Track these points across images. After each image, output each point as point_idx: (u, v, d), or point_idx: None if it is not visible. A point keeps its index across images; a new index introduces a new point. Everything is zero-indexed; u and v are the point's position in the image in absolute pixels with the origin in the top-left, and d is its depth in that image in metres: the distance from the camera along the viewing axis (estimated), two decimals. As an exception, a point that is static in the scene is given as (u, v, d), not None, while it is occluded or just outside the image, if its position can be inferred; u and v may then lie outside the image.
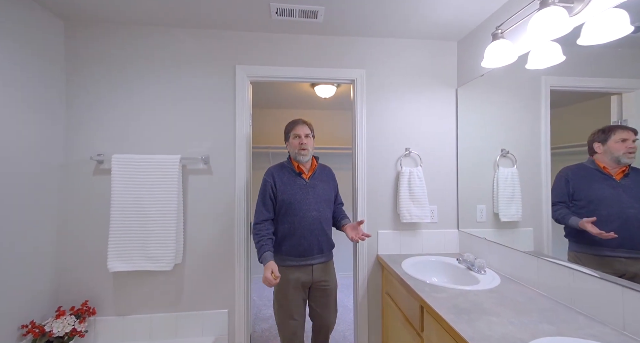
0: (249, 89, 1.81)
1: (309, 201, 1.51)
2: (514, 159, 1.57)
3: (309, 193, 1.52)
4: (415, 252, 1.84)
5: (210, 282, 1.71)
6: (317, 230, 1.51)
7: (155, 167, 1.60)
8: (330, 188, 1.62)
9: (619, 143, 1.01)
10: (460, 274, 1.52)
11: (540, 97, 1.34)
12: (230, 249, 1.73)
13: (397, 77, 1.86)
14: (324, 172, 1.65)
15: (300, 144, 1.51)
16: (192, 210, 1.71)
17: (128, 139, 1.68)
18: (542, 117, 1.33)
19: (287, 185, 1.52)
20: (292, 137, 1.55)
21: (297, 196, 1.50)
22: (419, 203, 1.79)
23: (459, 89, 1.88)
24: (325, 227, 1.54)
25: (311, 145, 1.55)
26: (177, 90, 1.72)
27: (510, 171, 1.56)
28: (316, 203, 1.52)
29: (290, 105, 3.52)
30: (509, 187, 1.60)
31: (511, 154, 1.59)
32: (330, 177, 1.66)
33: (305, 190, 1.52)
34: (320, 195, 1.54)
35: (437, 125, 1.88)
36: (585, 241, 1.11)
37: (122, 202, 1.56)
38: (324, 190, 1.57)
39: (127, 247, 1.56)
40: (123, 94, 1.68)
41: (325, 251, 1.56)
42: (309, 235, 1.49)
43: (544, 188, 1.38)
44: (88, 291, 1.62)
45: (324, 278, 1.54)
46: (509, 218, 1.59)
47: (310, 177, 1.57)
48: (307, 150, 1.52)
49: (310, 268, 1.51)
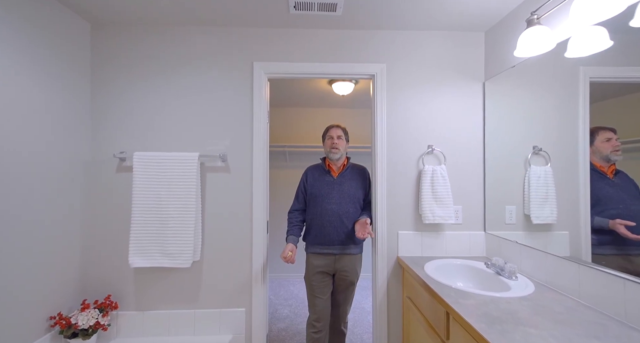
0: (266, 85, 1.79)
1: (332, 195, 1.68)
2: (547, 157, 1.46)
3: (334, 189, 1.70)
4: (438, 255, 1.75)
5: (228, 280, 1.70)
6: (335, 222, 1.65)
7: (175, 164, 1.62)
8: (359, 186, 1.73)
9: (604, 142, 1.08)
10: (489, 280, 1.42)
11: (578, 90, 1.22)
12: (248, 248, 1.72)
13: (419, 71, 1.78)
14: (356, 171, 1.78)
15: (332, 144, 1.72)
16: (210, 208, 1.71)
17: (148, 136, 1.70)
18: (579, 111, 1.22)
19: (317, 180, 1.75)
20: (327, 138, 1.78)
21: (322, 191, 1.71)
22: (443, 203, 1.70)
23: (486, 83, 1.77)
24: (344, 220, 1.66)
25: (342, 146, 1.74)
26: (195, 88, 1.72)
27: (543, 170, 1.45)
28: (339, 198, 1.67)
29: (307, 103, 3.49)
30: (542, 186, 1.49)
31: (544, 152, 1.48)
32: (361, 176, 1.77)
33: (330, 186, 1.71)
34: (345, 191, 1.69)
35: (462, 121, 1.78)
36: (611, 242, 1.07)
37: (143, 199, 1.59)
38: (350, 187, 1.71)
39: (146, 243, 1.58)
40: (144, 92, 1.71)
41: (347, 243, 1.67)
42: (328, 226, 1.66)
43: (582, 188, 1.27)
44: (111, 285, 1.65)
45: (345, 269, 1.68)
46: (542, 220, 1.47)
47: (339, 175, 1.74)
48: (337, 149, 1.72)
49: (332, 257, 1.68)
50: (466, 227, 1.77)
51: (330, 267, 1.68)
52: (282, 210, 3.77)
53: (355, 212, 1.70)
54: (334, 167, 1.77)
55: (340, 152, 1.72)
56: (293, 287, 3.37)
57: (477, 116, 1.79)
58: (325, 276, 1.70)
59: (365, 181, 1.78)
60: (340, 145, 1.72)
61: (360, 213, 1.73)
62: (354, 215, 1.69)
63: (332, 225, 1.65)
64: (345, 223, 1.66)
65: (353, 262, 1.69)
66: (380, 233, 1.75)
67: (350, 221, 1.67)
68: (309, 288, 1.73)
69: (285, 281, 3.55)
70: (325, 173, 1.76)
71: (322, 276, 1.69)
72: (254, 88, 1.73)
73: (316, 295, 1.69)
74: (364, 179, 1.77)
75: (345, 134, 1.79)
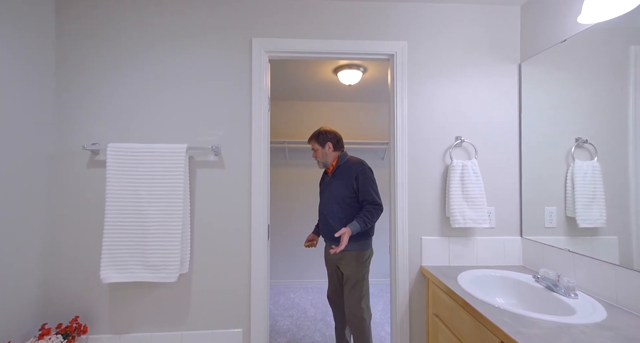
0: (267, 67, 1.53)
1: (323, 196, 1.80)
2: (593, 150, 1.24)
3: (325, 189, 1.79)
4: (469, 264, 1.51)
5: (222, 296, 1.44)
6: (324, 221, 1.75)
7: (158, 158, 1.35)
8: (343, 185, 1.70)
9: None
10: (539, 297, 1.17)
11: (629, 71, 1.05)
12: (246, 258, 1.45)
13: (446, 50, 1.53)
14: (344, 168, 1.74)
15: (315, 157, 1.82)
16: (200, 210, 1.44)
17: (127, 125, 1.43)
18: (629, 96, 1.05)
19: (322, 181, 1.90)
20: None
21: (320, 191, 1.86)
22: (475, 205, 1.45)
23: (522, 64, 1.53)
24: (330, 220, 1.71)
25: (319, 155, 1.79)
26: (183, 68, 1.46)
27: (589, 165, 1.24)
28: (326, 198, 1.75)
29: (308, 96, 3.23)
30: (589, 184, 1.28)
31: (589, 144, 1.26)
32: (348, 174, 1.70)
33: (324, 186, 1.82)
34: (332, 191, 1.73)
35: (495, 108, 1.54)
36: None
37: (118, 199, 1.31)
38: (336, 187, 1.72)
39: (123, 253, 1.30)
40: (121, 74, 1.43)
41: (336, 241, 1.68)
42: (321, 223, 1.81)
43: (633, 186, 1.08)
44: (79, 305, 1.38)
45: (340, 264, 1.74)
46: (591, 223, 1.26)
47: (331, 174, 1.78)
48: (317, 161, 1.82)
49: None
50: (500, 231, 1.53)
51: (331, 257, 1.78)
52: (281, 212, 3.51)
53: (341, 212, 1.70)
54: (330, 167, 1.82)
55: (321, 162, 1.80)
56: (294, 295, 3.10)
57: (511, 103, 1.55)
58: (331, 265, 1.84)
59: (351, 179, 1.67)
60: (317, 156, 1.79)
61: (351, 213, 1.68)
62: (340, 215, 1.69)
63: (323, 223, 1.77)
64: (330, 222, 1.70)
65: (346, 259, 1.70)
66: (401, 240, 1.50)
67: (335, 220, 1.69)
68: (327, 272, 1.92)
69: (285, 288, 3.27)
70: (325, 174, 1.88)
71: (329, 264, 1.85)
72: (253, 69, 1.47)
73: (329, 279, 1.91)
74: (350, 176, 1.68)
75: (319, 141, 1.77)
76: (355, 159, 1.74)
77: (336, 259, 1.74)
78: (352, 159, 1.74)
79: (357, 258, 1.68)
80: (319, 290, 3.20)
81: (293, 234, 3.35)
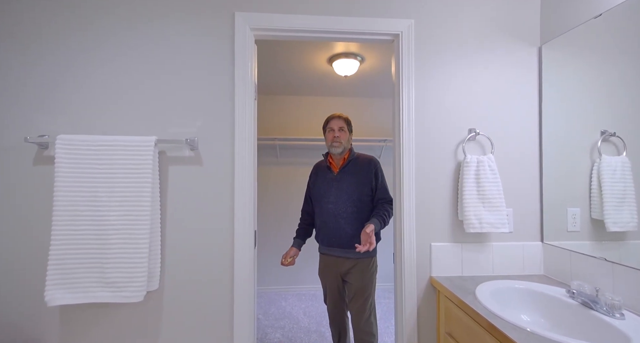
0: (253, 49, 1.31)
1: (330, 194, 1.56)
2: (620, 144, 1.10)
3: (332, 187, 1.57)
4: (484, 274, 1.33)
5: (200, 315, 1.22)
6: (332, 223, 1.54)
7: (120, 152, 1.12)
8: (360, 181, 1.55)
9: None
10: (575, 316, 1.00)
11: None
12: (228, 270, 1.23)
13: (457, 31, 1.35)
14: (359, 164, 1.59)
15: (334, 137, 1.56)
16: (174, 215, 1.22)
17: (82, 115, 1.19)
18: None
19: (319, 178, 1.64)
20: (328, 131, 1.61)
21: (321, 190, 1.61)
22: (493, 206, 1.27)
23: (543, 47, 1.36)
24: (341, 221, 1.52)
25: (345, 138, 1.57)
26: (152, 47, 1.23)
27: (619, 161, 1.09)
28: (336, 197, 1.54)
29: (302, 90, 3.02)
30: (619, 182, 1.15)
31: (617, 137, 1.13)
32: (364, 170, 1.57)
33: (329, 184, 1.59)
34: (344, 189, 1.54)
35: (512, 97, 1.37)
36: None
37: (70, 203, 1.08)
38: (350, 184, 1.55)
39: (75, 268, 1.07)
40: (76, 50, 1.19)
41: (346, 247, 1.53)
42: (326, 227, 1.57)
43: None
44: (22, 331, 1.13)
45: (349, 274, 1.56)
46: (622, 226, 1.13)
47: (340, 170, 1.58)
48: (339, 143, 1.55)
49: (336, 259, 1.58)
50: (518, 236, 1.36)
51: (335, 269, 1.59)
52: (272, 214, 3.27)
53: (358, 212, 1.53)
54: (335, 162, 1.63)
55: (342, 146, 1.57)
56: (285, 303, 2.88)
57: (530, 91, 1.37)
58: (334, 279, 1.61)
59: (370, 174, 1.57)
60: (342, 137, 1.56)
61: (367, 214, 1.55)
62: (356, 216, 1.52)
63: (329, 226, 1.56)
64: (343, 225, 1.52)
65: (358, 267, 1.54)
66: (408, 247, 1.31)
67: (349, 223, 1.52)
68: (323, 291, 1.71)
69: (276, 295, 3.05)
70: (327, 169, 1.64)
71: (331, 278, 1.62)
72: (237, 50, 1.25)
73: (327, 298, 1.67)
74: (368, 172, 1.57)
75: (348, 125, 1.61)
76: (365, 154, 1.65)
77: (345, 270, 1.55)
78: (362, 154, 1.64)
79: (369, 266, 1.56)
80: (312, 297, 2.99)
81: (285, 237, 3.13)
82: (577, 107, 1.23)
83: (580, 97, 1.22)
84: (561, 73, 1.29)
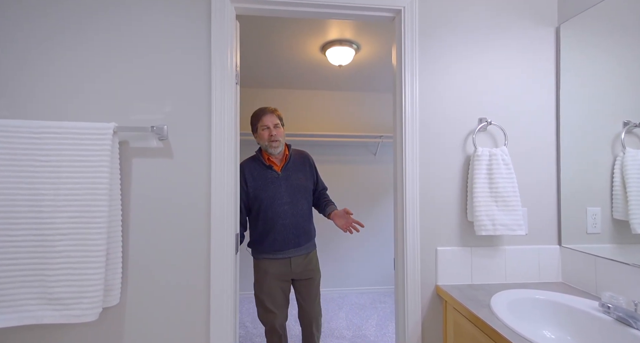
0: (234, 26, 1.13)
1: (281, 195, 1.46)
2: None
3: (281, 186, 1.47)
4: (496, 281, 1.18)
5: (170, 334, 1.03)
6: (290, 225, 1.46)
7: (70, 141, 0.93)
8: (307, 176, 1.55)
9: None
10: (609, 335, 0.85)
11: None
12: (204, 277, 1.05)
13: (465, 9, 1.19)
14: (299, 159, 1.56)
15: (270, 135, 1.44)
16: (138, 217, 1.03)
17: (23, 95, 0.99)
18: None
19: (258, 180, 1.46)
20: (261, 129, 1.47)
21: (269, 191, 1.46)
22: (507, 206, 1.12)
23: (561, 27, 1.22)
24: (300, 220, 1.49)
25: (282, 135, 1.48)
26: (110, 16, 1.04)
27: None
28: (289, 196, 1.47)
29: (293, 83, 2.85)
30: None
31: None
32: (305, 163, 1.57)
33: (276, 184, 1.47)
34: (295, 186, 1.49)
35: (525, 83, 1.22)
36: None
37: (4, 202, 0.88)
38: (299, 180, 1.51)
39: (9, 282, 0.87)
40: (19, 19, 1.00)
41: (304, 243, 1.51)
42: (283, 230, 1.46)
43: None
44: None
45: (305, 270, 1.53)
46: None
47: (283, 168, 1.50)
48: (278, 141, 1.45)
49: (288, 261, 1.49)
50: (533, 238, 1.21)
51: (287, 271, 1.49)
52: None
53: (309, 209, 1.55)
54: (276, 160, 1.51)
55: (281, 144, 1.47)
56: (276, 309, 2.70)
57: (547, 76, 1.23)
58: (279, 284, 1.50)
59: (311, 168, 1.59)
60: (279, 135, 1.46)
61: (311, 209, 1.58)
62: (309, 212, 1.55)
63: (287, 228, 1.46)
64: (301, 223, 1.49)
65: (311, 260, 1.56)
66: (411, 252, 1.15)
67: (306, 219, 1.52)
68: (259, 301, 1.51)
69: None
70: (267, 168, 1.48)
71: (275, 283, 1.49)
72: (213, 26, 1.07)
73: (269, 309, 1.49)
74: (309, 167, 1.58)
75: (281, 120, 1.52)
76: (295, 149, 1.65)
77: (299, 267, 1.52)
78: (295, 149, 1.62)
79: (315, 252, 1.61)
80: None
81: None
82: (598, 94, 1.09)
83: (601, 83, 1.09)
84: (580, 56, 1.15)
